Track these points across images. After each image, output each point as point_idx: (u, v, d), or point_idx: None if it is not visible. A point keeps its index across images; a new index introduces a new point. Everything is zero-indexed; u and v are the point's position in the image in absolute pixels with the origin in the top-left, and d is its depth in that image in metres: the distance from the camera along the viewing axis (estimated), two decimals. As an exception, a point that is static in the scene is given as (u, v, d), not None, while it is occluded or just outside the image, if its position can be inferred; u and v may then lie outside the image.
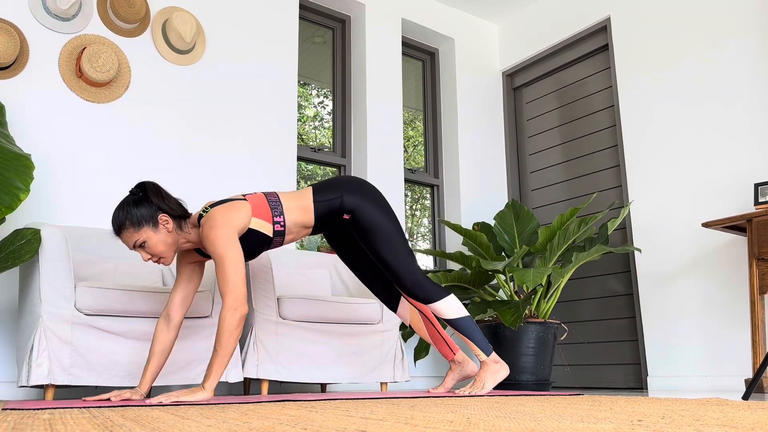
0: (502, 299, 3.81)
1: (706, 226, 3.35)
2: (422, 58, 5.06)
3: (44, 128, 3.21)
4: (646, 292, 3.95)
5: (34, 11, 3.25)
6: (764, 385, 3.05)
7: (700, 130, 3.80)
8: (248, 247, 2.41)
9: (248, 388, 3.23)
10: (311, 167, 4.41)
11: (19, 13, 3.22)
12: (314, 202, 2.48)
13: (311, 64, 4.52)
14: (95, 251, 3.00)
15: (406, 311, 2.81)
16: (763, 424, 1.05)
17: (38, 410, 1.70)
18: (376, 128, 4.38)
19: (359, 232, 2.52)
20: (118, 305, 2.62)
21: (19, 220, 3.06)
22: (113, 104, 3.41)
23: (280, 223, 2.42)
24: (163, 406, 1.88)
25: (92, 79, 3.30)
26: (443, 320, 2.61)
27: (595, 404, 1.76)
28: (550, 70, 4.84)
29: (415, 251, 4.24)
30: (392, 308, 2.81)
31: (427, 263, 4.77)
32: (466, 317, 2.59)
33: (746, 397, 2.22)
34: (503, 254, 4.02)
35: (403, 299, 2.80)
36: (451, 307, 2.58)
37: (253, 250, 2.43)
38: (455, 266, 4.57)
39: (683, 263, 3.79)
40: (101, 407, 1.80)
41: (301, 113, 4.40)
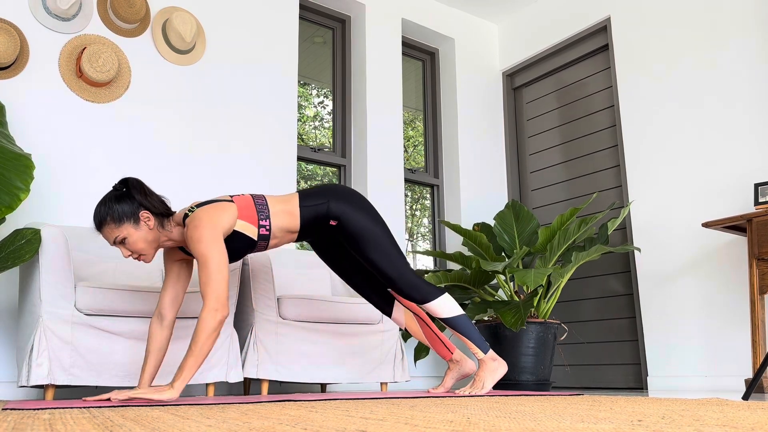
0: (502, 299, 3.81)
1: (706, 226, 3.35)
2: (422, 58, 5.06)
3: (44, 128, 3.21)
4: (646, 292, 3.95)
5: (34, 11, 3.25)
6: (764, 385, 3.05)
7: (700, 129, 3.80)
8: (232, 249, 2.39)
9: (248, 388, 3.23)
10: (311, 167, 4.41)
11: (19, 13, 3.22)
12: (300, 207, 2.46)
13: (311, 64, 4.52)
14: (95, 251, 3.00)
15: (400, 315, 2.79)
16: (763, 424, 1.05)
17: (38, 410, 1.70)
18: (376, 128, 4.38)
19: (349, 239, 2.51)
20: (118, 305, 2.62)
21: (19, 220, 3.06)
22: (113, 104, 3.42)
23: (265, 227, 2.40)
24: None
25: (92, 79, 3.30)
26: (439, 320, 2.60)
27: (595, 404, 1.76)
28: (550, 70, 4.84)
29: (415, 251, 4.24)
30: (386, 313, 2.80)
31: (427, 263, 4.77)
32: (461, 315, 2.59)
33: (746, 397, 2.22)
34: (503, 254, 4.02)
35: (396, 303, 2.79)
36: (446, 306, 2.57)
37: (236, 252, 2.41)
38: (455, 266, 4.57)
39: (683, 263, 3.79)
40: (101, 407, 1.80)
41: (301, 113, 4.40)
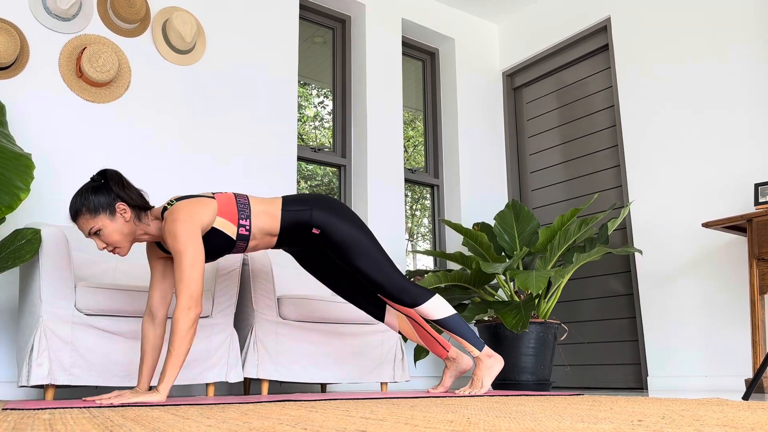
0: (502, 300, 3.81)
1: (706, 226, 3.35)
2: (422, 58, 5.06)
3: (44, 128, 3.21)
4: (646, 292, 3.95)
5: (34, 11, 3.25)
6: (764, 385, 3.05)
7: (700, 129, 3.80)
8: (209, 247, 2.34)
9: (248, 388, 3.23)
10: (311, 167, 4.41)
11: (19, 13, 3.22)
12: (283, 210, 2.42)
13: (311, 64, 4.52)
14: (95, 251, 3.00)
15: (393, 319, 2.78)
16: (763, 424, 1.05)
17: (38, 410, 1.70)
18: (376, 128, 4.38)
19: (334, 248, 2.47)
20: (118, 305, 2.62)
21: (19, 220, 3.06)
22: (113, 104, 3.42)
23: (245, 226, 2.36)
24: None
25: (92, 79, 3.30)
26: (432, 322, 2.59)
27: (595, 404, 1.76)
28: (550, 70, 4.84)
29: (415, 251, 4.23)
30: (379, 318, 2.78)
31: (427, 263, 4.77)
32: (453, 315, 2.57)
33: (746, 397, 2.22)
34: (503, 254, 4.02)
35: (388, 307, 2.77)
36: (438, 307, 2.55)
37: (213, 251, 2.36)
38: (455, 266, 4.57)
39: (683, 263, 3.79)
40: (101, 407, 1.80)
41: (301, 113, 4.40)
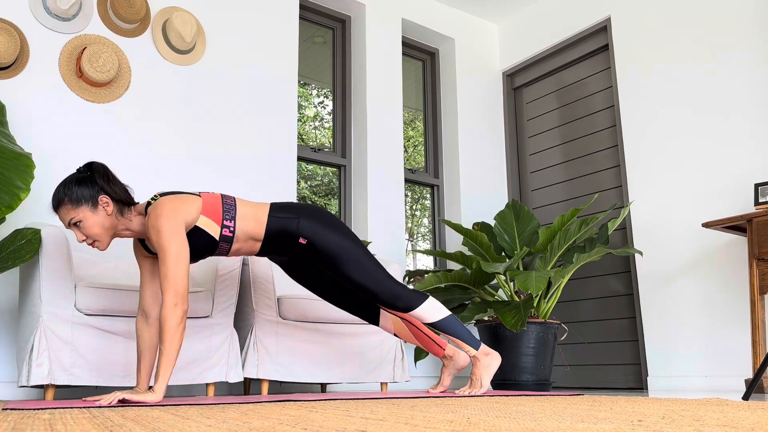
0: (502, 299, 3.81)
1: (706, 226, 3.35)
2: (422, 58, 5.06)
3: (45, 128, 3.21)
4: (646, 292, 3.95)
5: (34, 11, 3.25)
6: (764, 385, 3.05)
7: (700, 129, 3.80)
8: (191, 246, 2.30)
9: (248, 388, 3.23)
10: (311, 167, 4.41)
11: (19, 13, 3.22)
12: (269, 216, 2.39)
13: (311, 64, 4.52)
14: (95, 251, 3.00)
15: (388, 322, 2.77)
16: (763, 424, 1.05)
17: (38, 410, 1.70)
18: (376, 128, 4.38)
19: (323, 258, 2.43)
20: (118, 305, 2.62)
21: (19, 219, 3.06)
22: (113, 104, 3.42)
23: (229, 228, 2.32)
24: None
25: (92, 79, 3.30)
26: (428, 325, 2.57)
27: (595, 404, 1.76)
28: (550, 70, 4.84)
29: (415, 251, 4.24)
30: (374, 322, 2.77)
31: (427, 263, 4.77)
32: (448, 317, 2.55)
33: (746, 397, 2.22)
34: (503, 254, 4.02)
35: (382, 311, 2.76)
36: (432, 310, 2.52)
37: (196, 251, 2.32)
38: (455, 266, 4.57)
39: (683, 263, 3.79)
40: (101, 407, 1.80)
41: (301, 113, 4.40)
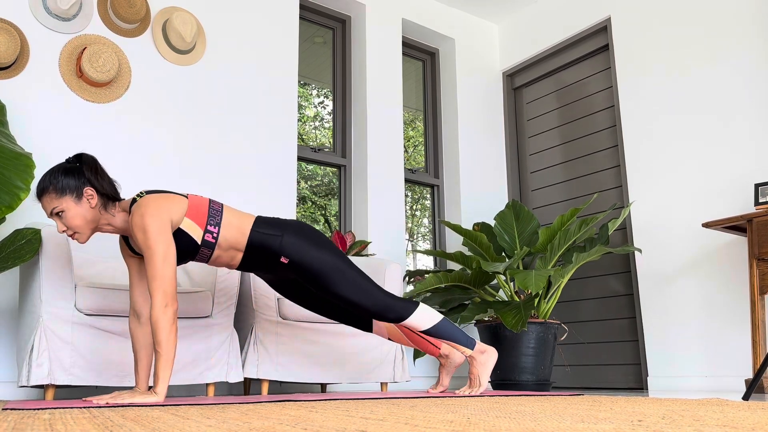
0: (502, 300, 3.81)
1: (706, 226, 3.35)
2: (422, 58, 5.06)
3: (45, 128, 3.21)
4: (646, 292, 3.95)
5: (34, 11, 3.25)
6: (764, 385, 3.05)
7: (700, 130, 3.80)
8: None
9: (248, 388, 3.23)
10: (311, 167, 4.41)
11: (19, 13, 3.22)
12: (253, 229, 2.33)
13: (311, 64, 4.52)
14: (95, 251, 3.00)
15: (381, 328, 2.75)
16: (763, 424, 1.05)
17: (38, 410, 1.70)
18: (376, 128, 4.38)
19: (311, 280, 2.38)
20: (117, 305, 2.62)
21: (19, 219, 3.06)
22: (113, 104, 3.42)
23: (212, 233, 2.28)
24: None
25: (92, 79, 3.30)
26: (421, 333, 2.53)
27: (595, 404, 1.76)
28: (550, 70, 4.84)
29: (415, 251, 4.24)
30: (367, 330, 2.75)
31: (427, 263, 4.77)
32: (441, 321, 2.52)
33: (746, 397, 2.22)
34: (503, 254, 4.02)
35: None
36: (424, 317, 2.48)
37: (176, 252, 2.27)
38: (455, 266, 4.57)
39: (683, 263, 3.79)
40: (100, 407, 1.80)
41: (301, 113, 4.40)
